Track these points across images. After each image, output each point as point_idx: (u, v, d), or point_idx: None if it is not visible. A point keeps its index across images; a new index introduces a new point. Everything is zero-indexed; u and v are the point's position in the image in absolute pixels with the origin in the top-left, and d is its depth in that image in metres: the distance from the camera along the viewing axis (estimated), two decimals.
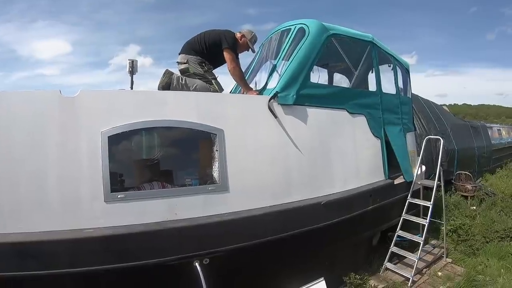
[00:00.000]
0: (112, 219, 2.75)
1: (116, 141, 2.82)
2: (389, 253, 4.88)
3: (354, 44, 4.76)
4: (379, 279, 4.67)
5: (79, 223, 2.68)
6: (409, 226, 5.08)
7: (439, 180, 5.00)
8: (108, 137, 2.78)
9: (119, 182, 2.89)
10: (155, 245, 2.84)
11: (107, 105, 2.90)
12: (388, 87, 5.36)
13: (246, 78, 4.97)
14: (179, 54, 4.08)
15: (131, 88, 4.33)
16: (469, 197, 7.76)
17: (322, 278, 3.78)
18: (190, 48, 4.02)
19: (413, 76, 6.25)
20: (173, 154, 3.29)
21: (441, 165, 5.08)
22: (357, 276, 4.30)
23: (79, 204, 2.70)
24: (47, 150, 2.66)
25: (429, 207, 4.79)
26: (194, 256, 3.00)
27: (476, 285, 4.47)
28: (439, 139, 5.44)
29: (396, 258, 5.05)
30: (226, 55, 3.93)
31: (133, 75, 4.13)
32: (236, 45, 4.11)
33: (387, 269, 4.84)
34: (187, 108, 3.18)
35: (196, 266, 2.98)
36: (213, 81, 3.95)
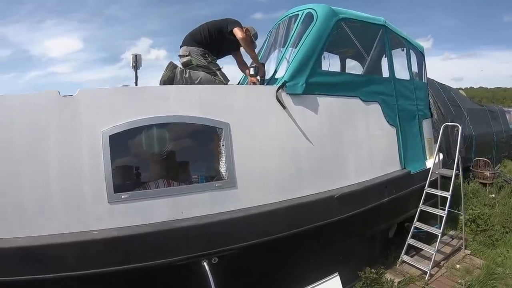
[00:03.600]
0: (117, 220, 2.67)
1: (117, 140, 2.71)
2: (406, 246, 4.71)
3: (366, 28, 4.51)
4: (396, 273, 4.52)
5: (83, 225, 2.61)
6: (426, 216, 4.89)
7: (457, 169, 4.77)
8: (109, 136, 2.67)
9: (122, 182, 2.79)
10: (161, 246, 2.76)
11: (107, 103, 2.78)
12: (402, 72, 5.13)
13: None
14: (181, 46, 3.91)
15: (136, 83, 4.20)
16: (487, 184, 7.48)
17: (337, 273, 3.64)
18: (192, 39, 3.85)
19: (429, 60, 5.96)
20: (178, 151, 3.15)
21: (459, 153, 4.83)
22: (372, 270, 4.16)
23: (83, 206, 2.63)
24: (48, 153, 2.58)
25: (448, 197, 4.57)
26: (202, 255, 2.90)
27: (496, 278, 4.30)
28: (457, 126, 5.17)
29: (413, 250, 4.88)
30: (236, 30, 3.79)
31: (137, 70, 3.98)
32: (243, 28, 3.95)
33: (403, 261, 4.68)
34: (190, 102, 3.04)
35: (204, 266, 2.88)
36: (217, 72, 3.79)
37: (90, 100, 2.73)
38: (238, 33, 3.75)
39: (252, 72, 3.75)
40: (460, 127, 5.07)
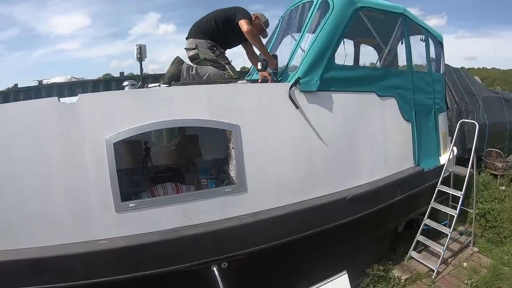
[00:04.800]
0: (125, 229, 2.63)
1: (122, 147, 2.61)
2: (414, 242, 4.67)
3: (384, 18, 4.24)
4: (403, 269, 4.50)
5: (92, 234, 2.58)
6: (436, 210, 4.78)
7: (472, 167, 4.63)
8: (114, 144, 2.56)
9: (129, 190, 2.72)
10: (171, 253, 2.72)
11: (109, 109, 2.64)
12: (420, 63, 4.88)
13: None
14: (187, 38, 3.67)
15: (141, 75, 3.99)
16: (499, 175, 7.33)
17: (345, 271, 3.63)
18: (198, 31, 3.60)
19: (443, 38, 5.58)
20: (186, 154, 3.05)
21: (475, 152, 4.68)
22: (380, 267, 4.14)
23: (90, 215, 2.57)
24: (50, 163, 2.49)
25: (460, 197, 4.46)
26: (211, 261, 2.87)
27: (501, 278, 4.27)
28: (475, 123, 4.97)
29: (422, 244, 4.82)
30: (242, 22, 3.50)
31: (142, 61, 3.74)
32: (251, 19, 3.68)
33: (411, 257, 4.65)
34: (198, 104, 2.89)
35: (214, 271, 2.86)
36: (226, 66, 3.56)
37: (91, 106, 2.59)
38: (243, 26, 3.48)
39: (259, 67, 3.53)
40: (477, 124, 4.85)
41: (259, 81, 3.65)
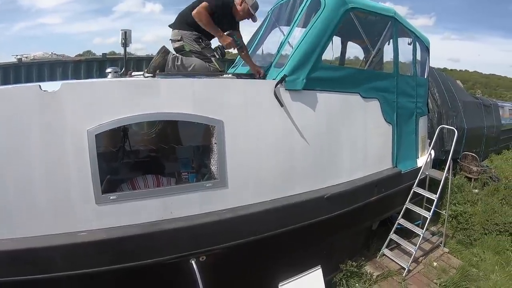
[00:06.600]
0: (105, 221, 2.61)
1: (104, 139, 2.56)
2: (388, 240, 4.84)
3: (374, 19, 4.27)
4: (375, 266, 4.67)
5: (72, 226, 2.55)
6: (410, 210, 4.96)
7: (448, 172, 4.78)
8: (96, 135, 2.51)
9: (110, 183, 2.69)
10: (150, 246, 2.73)
11: (92, 99, 2.56)
12: (406, 67, 4.96)
13: (253, 47, 4.54)
14: (172, 29, 3.57)
15: (125, 61, 3.92)
16: (473, 179, 7.61)
17: (319, 266, 3.76)
18: (183, 21, 3.49)
19: (429, 38, 5.66)
20: (167, 148, 3.03)
21: (452, 156, 4.83)
22: (353, 263, 4.28)
23: (71, 207, 2.53)
24: (31, 153, 2.41)
25: (434, 200, 4.62)
26: (190, 254, 2.90)
27: (469, 279, 4.46)
28: (453, 130, 5.11)
29: (394, 242, 5.00)
30: (200, 6, 3.26)
31: (127, 47, 3.65)
32: (220, 3, 3.47)
33: (384, 255, 4.82)
34: (183, 98, 2.85)
35: (192, 264, 2.89)
36: (212, 58, 3.51)
37: (73, 96, 2.50)
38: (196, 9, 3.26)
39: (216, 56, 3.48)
40: (455, 131, 5.00)
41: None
